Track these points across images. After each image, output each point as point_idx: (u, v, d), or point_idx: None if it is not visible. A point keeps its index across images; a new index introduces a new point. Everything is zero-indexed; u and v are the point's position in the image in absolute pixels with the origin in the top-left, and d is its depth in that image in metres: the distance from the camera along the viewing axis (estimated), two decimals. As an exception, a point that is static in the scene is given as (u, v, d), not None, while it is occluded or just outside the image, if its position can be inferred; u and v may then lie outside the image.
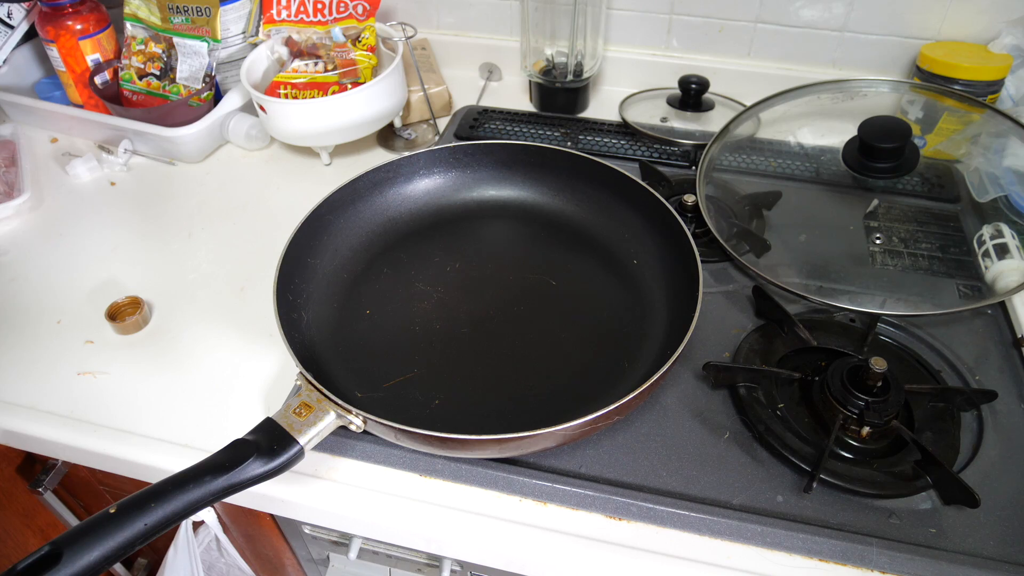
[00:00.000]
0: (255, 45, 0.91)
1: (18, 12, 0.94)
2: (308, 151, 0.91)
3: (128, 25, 0.93)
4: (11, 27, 0.94)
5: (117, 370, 0.65)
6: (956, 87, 0.81)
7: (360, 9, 0.88)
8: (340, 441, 0.57)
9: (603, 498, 0.53)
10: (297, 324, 0.60)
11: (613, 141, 0.89)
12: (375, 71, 0.88)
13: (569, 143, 0.89)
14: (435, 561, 0.65)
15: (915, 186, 0.77)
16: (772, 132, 0.82)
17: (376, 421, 0.49)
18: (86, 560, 0.39)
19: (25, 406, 0.62)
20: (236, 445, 0.47)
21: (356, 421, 0.50)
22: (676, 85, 0.89)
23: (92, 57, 0.92)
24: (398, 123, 0.93)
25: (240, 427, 0.51)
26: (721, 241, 0.70)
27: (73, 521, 0.78)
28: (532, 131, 0.91)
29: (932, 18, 0.86)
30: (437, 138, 0.93)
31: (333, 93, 0.81)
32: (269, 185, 0.87)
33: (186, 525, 0.70)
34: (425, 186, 0.74)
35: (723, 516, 0.51)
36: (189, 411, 0.61)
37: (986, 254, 0.69)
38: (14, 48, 0.97)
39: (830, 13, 0.89)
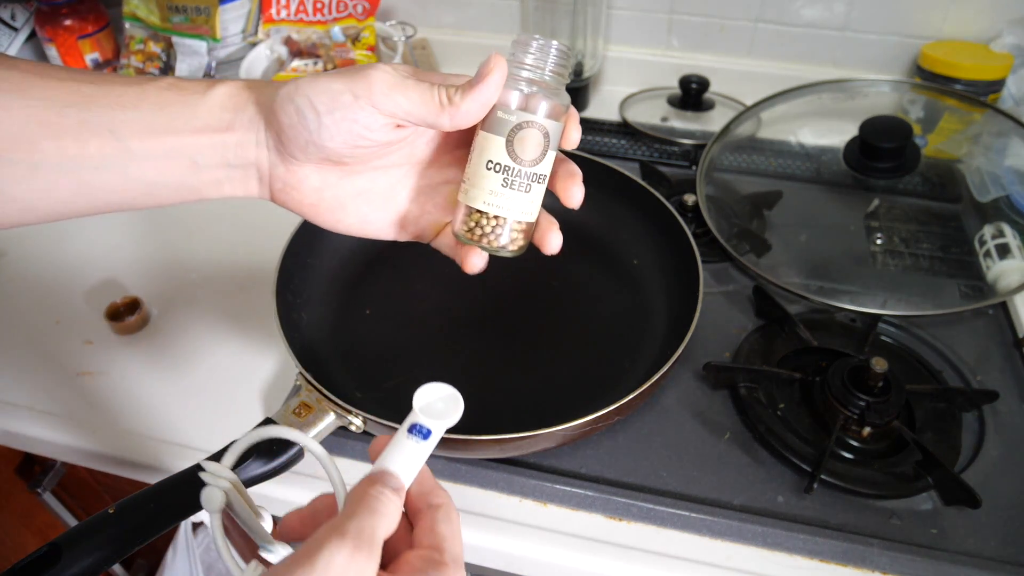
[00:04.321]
0: (254, 44, 0.90)
1: (21, 14, 0.94)
2: (308, 151, 0.91)
3: (127, 24, 0.93)
4: (15, 29, 0.94)
5: (116, 370, 0.65)
6: (957, 87, 0.81)
7: (360, 8, 0.88)
8: (340, 441, 0.56)
9: (603, 498, 0.52)
10: (297, 324, 0.60)
11: (613, 141, 0.88)
12: (375, 71, 0.88)
13: (569, 143, 0.88)
14: (435, 561, 0.65)
15: (916, 186, 0.77)
16: (772, 132, 0.82)
17: (376, 421, 0.49)
18: (86, 560, 0.39)
19: (24, 406, 0.61)
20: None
21: (356, 421, 0.50)
22: (676, 85, 0.89)
23: (91, 56, 0.92)
24: (398, 123, 0.92)
25: (240, 427, 0.51)
26: (721, 241, 0.70)
27: (72, 521, 0.78)
28: (532, 131, 0.90)
29: (933, 17, 0.86)
30: (437, 138, 0.92)
31: (333, 93, 0.81)
32: (269, 185, 0.86)
33: (186, 525, 0.70)
34: (425, 186, 0.74)
35: (723, 517, 0.51)
36: (189, 411, 0.61)
37: (987, 254, 0.69)
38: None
39: (831, 12, 0.89)
